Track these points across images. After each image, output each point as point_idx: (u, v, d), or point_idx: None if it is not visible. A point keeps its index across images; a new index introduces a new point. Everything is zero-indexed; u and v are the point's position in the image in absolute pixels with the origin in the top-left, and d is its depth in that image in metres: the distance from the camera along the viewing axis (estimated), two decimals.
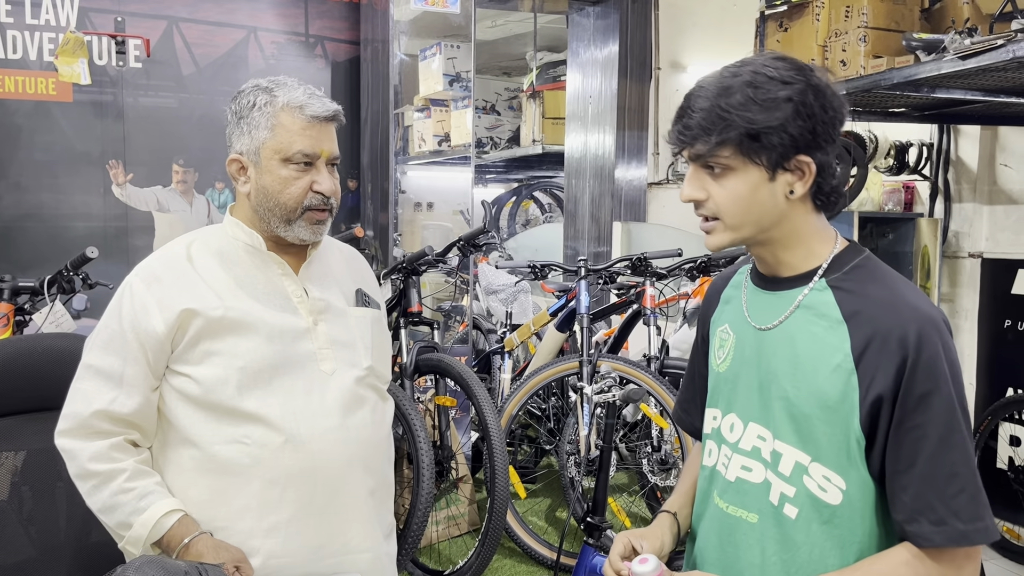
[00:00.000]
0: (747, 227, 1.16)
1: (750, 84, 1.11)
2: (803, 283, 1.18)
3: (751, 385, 1.22)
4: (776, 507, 1.17)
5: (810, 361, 1.14)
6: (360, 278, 1.69)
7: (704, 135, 1.12)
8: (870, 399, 1.09)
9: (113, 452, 1.42)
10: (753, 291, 1.27)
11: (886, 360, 1.08)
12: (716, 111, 1.11)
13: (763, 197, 1.14)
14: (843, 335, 1.12)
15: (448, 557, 3.20)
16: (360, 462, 1.53)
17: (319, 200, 1.49)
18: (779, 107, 1.10)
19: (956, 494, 1.07)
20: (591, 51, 4.90)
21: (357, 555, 1.52)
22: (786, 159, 1.12)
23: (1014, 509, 3.52)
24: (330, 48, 4.35)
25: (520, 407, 3.27)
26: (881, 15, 2.93)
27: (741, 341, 1.26)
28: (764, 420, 1.20)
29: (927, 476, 1.07)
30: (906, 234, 3.99)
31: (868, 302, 1.13)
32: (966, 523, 1.07)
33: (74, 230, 3.74)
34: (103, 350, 1.46)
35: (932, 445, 1.07)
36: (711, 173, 1.15)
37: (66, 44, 3.62)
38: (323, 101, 1.51)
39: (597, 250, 4.85)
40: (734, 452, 1.24)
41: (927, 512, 1.07)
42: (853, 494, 1.13)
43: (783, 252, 1.20)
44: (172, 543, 1.38)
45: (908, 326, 1.08)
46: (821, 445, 1.13)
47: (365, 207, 4.41)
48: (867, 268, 1.18)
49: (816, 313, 1.16)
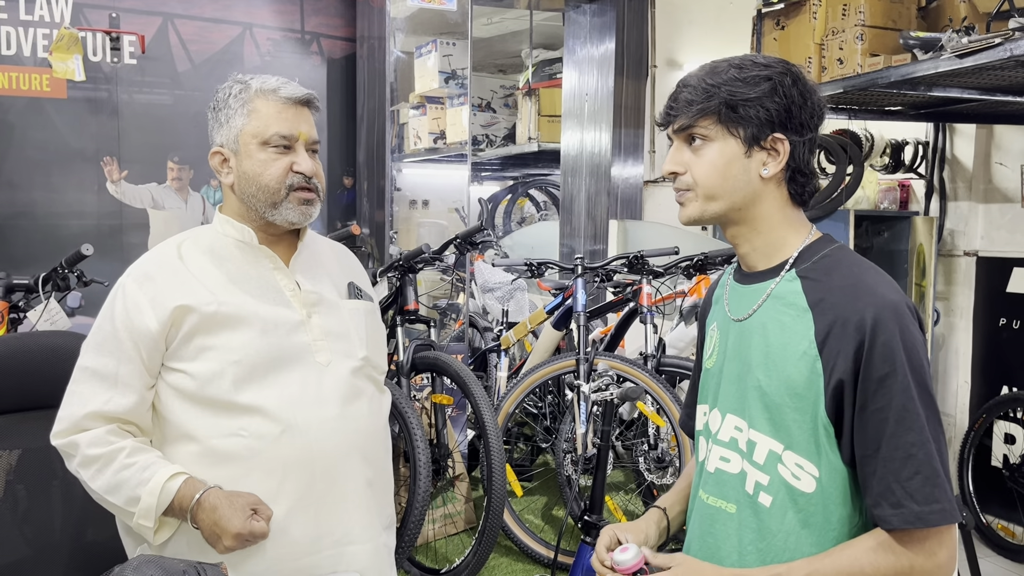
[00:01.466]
0: (719, 200, 1.21)
1: (735, 66, 1.20)
2: (774, 275, 1.23)
3: (731, 377, 1.26)
4: (752, 496, 1.19)
5: (780, 349, 1.18)
6: (351, 272, 1.70)
7: (688, 107, 1.20)
8: (833, 384, 1.12)
9: (110, 436, 1.43)
10: (733, 286, 1.31)
11: (845, 345, 1.11)
12: (702, 86, 1.20)
13: (737, 170, 1.19)
14: (808, 322, 1.16)
15: (445, 555, 3.20)
16: (358, 452, 1.53)
17: (300, 179, 1.51)
18: (759, 84, 1.17)
19: (911, 476, 1.09)
20: (587, 49, 4.89)
21: (356, 545, 1.52)
22: (762, 135, 1.18)
23: (1009, 507, 3.53)
24: (326, 45, 4.33)
25: (517, 405, 3.26)
26: (878, 13, 2.93)
27: (723, 336, 1.30)
28: (740, 410, 1.23)
29: (886, 459, 1.10)
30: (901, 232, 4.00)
31: (831, 289, 1.16)
32: (921, 504, 1.08)
33: (68, 227, 3.72)
34: (97, 351, 1.47)
35: (890, 428, 1.09)
36: (691, 146, 1.22)
37: (60, 40, 3.59)
38: (295, 86, 1.54)
39: (593, 248, 4.84)
40: (714, 444, 1.27)
41: (887, 495, 1.10)
42: (825, 481, 1.15)
43: (756, 238, 1.24)
44: (183, 504, 1.38)
45: (865, 311, 1.11)
46: (792, 433, 1.16)
47: (361, 205, 4.40)
48: (835, 257, 1.21)
49: (785, 303, 1.20)
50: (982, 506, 3.59)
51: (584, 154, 4.94)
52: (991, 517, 3.58)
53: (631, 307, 3.35)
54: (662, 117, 1.26)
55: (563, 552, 2.97)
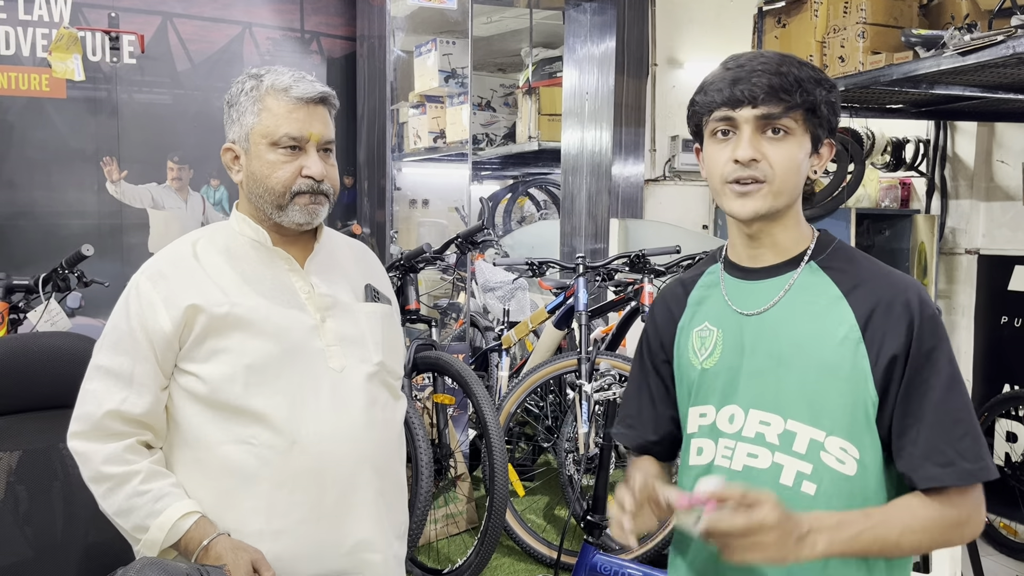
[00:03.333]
0: (785, 195, 1.21)
1: (803, 64, 1.20)
2: (791, 268, 1.25)
3: (751, 373, 1.24)
4: (791, 487, 1.19)
5: (814, 338, 1.20)
6: (370, 273, 1.66)
7: (779, 96, 1.17)
8: (883, 361, 1.16)
9: (127, 454, 1.40)
10: (734, 284, 1.30)
11: (894, 323, 1.16)
12: (788, 77, 1.17)
13: (802, 168, 1.21)
14: (845, 309, 1.19)
15: (447, 555, 3.19)
16: (370, 461, 1.49)
17: (308, 184, 1.46)
18: (833, 89, 1.21)
19: (962, 436, 1.14)
20: (588, 47, 4.88)
21: (367, 555, 1.49)
22: (822, 138, 1.22)
23: (1011, 505, 3.53)
24: (326, 44, 4.33)
25: (518, 405, 3.26)
26: (880, 11, 2.93)
27: (727, 333, 1.27)
28: (769, 405, 1.22)
29: (934, 423, 1.14)
30: (903, 230, 4.00)
31: (862, 277, 1.21)
32: (972, 463, 1.14)
33: (68, 227, 3.72)
34: (112, 350, 1.44)
35: (938, 395, 1.15)
36: (769, 136, 1.19)
37: (60, 40, 3.59)
38: (311, 83, 1.48)
39: (594, 247, 4.84)
40: (738, 442, 1.24)
41: (935, 455, 1.14)
42: (867, 461, 1.18)
43: (783, 233, 1.25)
44: (190, 546, 1.36)
45: (908, 292, 1.18)
46: (836, 417, 1.18)
47: (362, 204, 4.40)
48: (843, 250, 1.26)
49: (813, 292, 1.22)
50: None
51: (585, 153, 4.94)
52: (993, 515, 3.58)
53: (633, 306, 3.34)
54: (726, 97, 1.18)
55: (566, 552, 2.97)
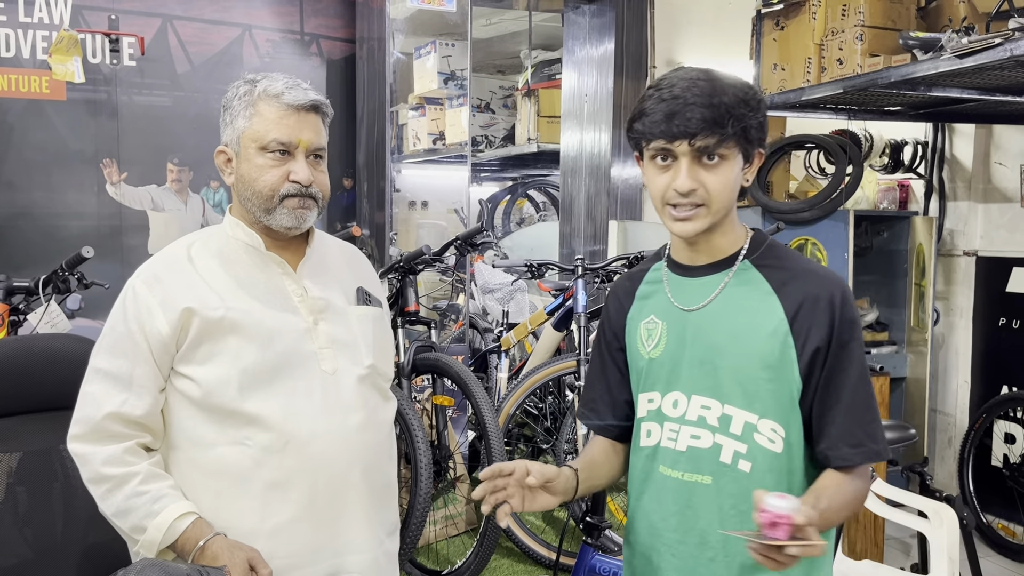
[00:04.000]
0: (721, 212, 1.32)
1: (733, 86, 1.27)
2: (727, 266, 1.35)
3: (692, 362, 1.35)
4: (730, 465, 1.31)
5: (747, 330, 1.31)
6: (362, 276, 1.68)
7: (711, 129, 1.24)
8: (808, 352, 1.29)
9: (127, 456, 1.41)
10: (676, 280, 1.41)
11: (819, 317, 1.28)
12: (720, 108, 1.24)
13: (734, 184, 1.31)
14: (775, 304, 1.31)
15: (446, 557, 3.19)
16: (362, 462, 1.52)
17: (296, 188, 1.48)
18: (759, 106, 1.29)
19: (870, 421, 1.30)
20: (587, 49, 4.89)
21: (357, 555, 1.52)
22: (753, 151, 1.31)
23: (1009, 506, 3.54)
24: (325, 46, 4.33)
25: (517, 406, 3.26)
26: (877, 13, 2.94)
27: (671, 326, 1.39)
28: (709, 391, 1.33)
29: (849, 408, 1.29)
30: (901, 232, 4.00)
31: (792, 275, 1.33)
32: (877, 444, 1.30)
33: (68, 229, 3.72)
34: (110, 353, 1.45)
35: (853, 382, 1.29)
36: (705, 163, 1.28)
37: (60, 42, 3.59)
38: (304, 91, 1.50)
39: (593, 249, 4.84)
40: (682, 425, 1.36)
41: (847, 437, 1.28)
42: (792, 440, 1.31)
43: (721, 238, 1.36)
44: (187, 546, 1.37)
45: (833, 290, 1.30)
46: (767, 402, 1.30)
47: (361, 206, 4.40)
48: (778, 247, 1.38)
49: (748, 288, 1.34)
50: (982, 506, 3.59)
51: (583, 155, 4.94)
52: (991, 517, 3.59)
53: None
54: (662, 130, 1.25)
55: (565, 553, 2.97)
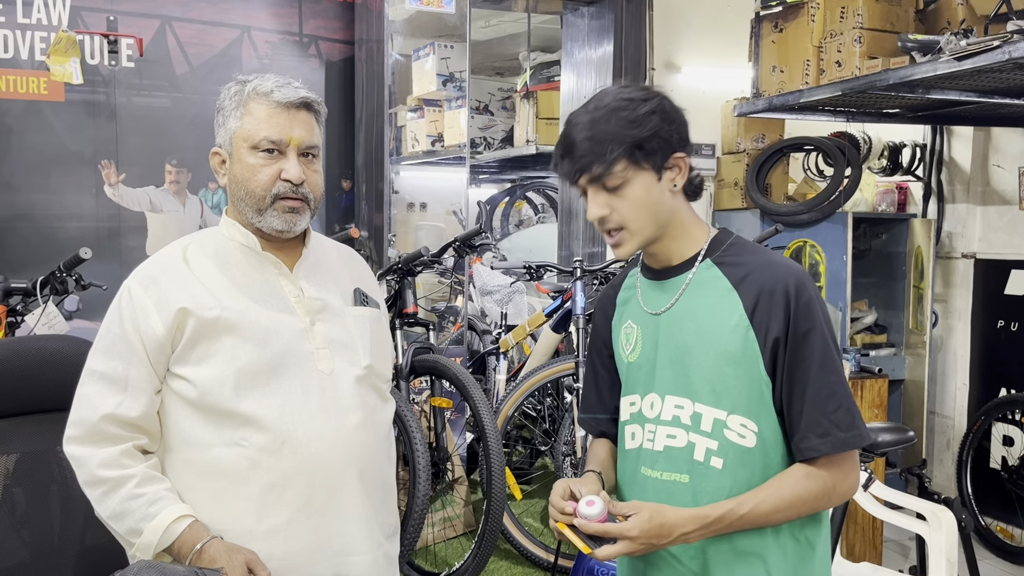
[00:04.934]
0: (648, 228, 1.35)
1: (616, 109, 1.30)
2: (688, 267, 1.38)
3: (663, 363, 1.38)
4: (703, 462, 1.33)
5: (711, 327, 1.33)
6: (358, 278, 1.68)
7: (596, 159, 1.29)
8: (769, 344, 1.30)
9: (123, 458, 1.41)
10: (646, 285, 1.44)
11: (776, 309, 1.30)
12: (598, 137, 1.29)
13: (656, 196, 1.33)
14: (735, 300, 1.33)
15: (444, 559, 3.19)
16: (358, 463, 1.51)
17: (287, 188, 1.47)
18: (650, 119, 1.30)
19: (836, 409, 1.28)
20: (585, 51, 4.89)
21: (356, 557, 1.51)
22: (666, 159, 1.33)
23: (1007, 509, 3.53)
24: (324, 48, 4.33)
25: (516, 408, 3.26)
26: (876, 16, 2.94)
27: (644, 330, 1.42)
28: (681, 390, 1.36)
29: (811, 397, 1.28)
30: (899, 235, 4.00)
31: (749, 269, 1.34)
32: (845, 431, 1.28)
33: (66, 231, 3.71)
34: (106, 354, 1.45)
35: (814, 371, 1.28)
36: (608, 191, 1.32)
37: (58, 43, 3.59)
38: (294, 89, 1.50)
39: (592, 251, 4.84)
40: (658, 425, 1.38)
41: (814, 427, 1.28)
42: (765, 434, 1.32)
43: (673, 243, 1.39)
44: (183, 549, 1.37)
45: (787, 280, 1.30)
46: (734, 397, 1.32)
47: (360, 208, 4.40)
48: (739, 244, 1.39)
49: (707, 288, 1.36)
50: (981, 508, 3.59)
51: None
52: (990, 519, 3.59)
53: None
54: (567, 173, 1.34)
55: (563, 556, 2.97)
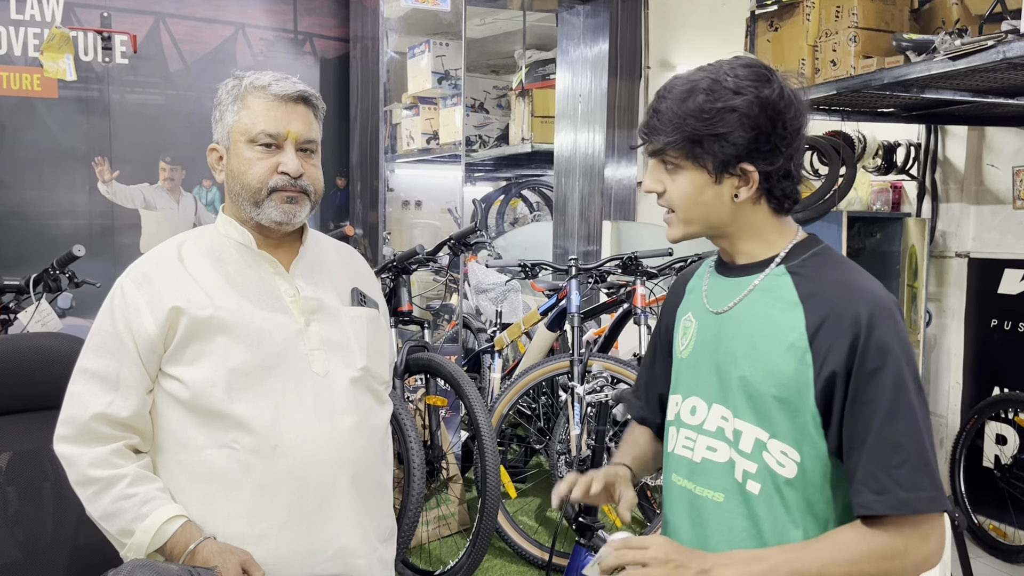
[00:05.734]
0: (696, 223, 1.25)
1: (706, 91, 1.19)
2: (760, 269, 1.25)
3: (711, 367, 1.27)
4: (740, 484, 1.22)
5: (766, 341, 1.20)
6: (357, 276, 1.66)
7: (658, 134, 1.22)
8: (824, 376, 1.15)
9: (114, 458, 1.40)
10: (714, 278, 1.33)
11: (839, 339, 1.14)
12: (670, 113, 1.20)
13: (709, 198, 1.22)
14: (798, 315, 1.18)
15: (438, 557, 3.19)
16: (352, 467, 1.49)
17: (285, 180, 1.46)
18: (724, 117, 1.17)
19: (900, 464, 1.11)
20: (581, 49, 4.89)
21: (350, 560, 1.50)
22: (729, 165, 1.20)
23: (1001, 508, 3.54)
24: (319, 45, 4.32)
25: (510, 406, 3.26)
26: (871, 15, 2.94)
27: (702, 327, 1.31)
28: (724, 400, 1.24)
29: (872, 447, 1.12)
30: (894, 234, 4.01)
31: (823, 285, 1.19)
32: (907, 491, 1.10)
33: (59, 228, 3.70)
34: (97, 353, 1.44)
35: (879, 418, 1.12)
36: (666, 169, 1.25)
37: (51, 40, 3.57)
38: (292, 83, 1.49)
39: (587, 249, 4.85)
40: (699, 434, 1.28)
41: (870, 481, 1.11)
42: (808, 466, 1.18)
43: (741, 243, 1.27)
44: (176, 550, 1.36)
45: (860, 307, 1.14)
46: (777, 422, 1.18)
47: (355, 205, 4.39)
48: (824, 256, 1.24)
49: (773, 296, 1.22)
50: (974, 507, 3.60)
51: (577, 155, 4.94)
52: (983, 518, 3.60)
53: (625, 308, 3.35)
54: (639, 133, 1.28)
55: (558, 554, 2.97)
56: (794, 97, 1.21)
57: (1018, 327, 3.63)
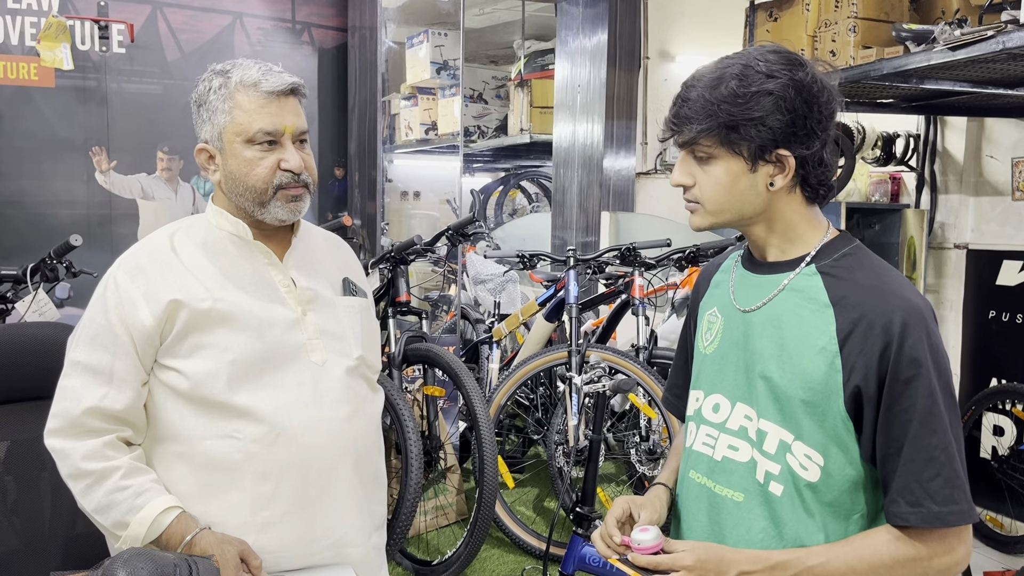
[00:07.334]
0: (726, 213, 1.21)
1: (737, 76, 1.15)
2: (790, 268, 1.22)
3: (738, 366, 1.25)
4: (762, 485, 1.20)
5: (795, 343, 1.18)
6: (346, 266, 1.66)
7: (689, 123, 1.18)
8: (853, 382, 1.13)
9: (107, 450, 1.39)
10: (742, 274, 1.30)
11: (870, 345, 1.12)
12: (702, 101, 1.16)
13: (743, 187, 1.18)
14: (829, 318, 1.16)
15: (436, 547, 3.20)
16: (352, 454, 1.51)
17: (288, 178, 1.45)
18: (759, 101, 1.14)
19: (933, 477, 1.11)
20: (580, 40, 4.88)
21: (349, 548, 1.51)
22: (766, 151, 1.16)
23: (997, 498, 3.56)
24: (317, 35, 4.31)
25: (508, 397, 3.26)
26: (871, 5, 2.93)
27: (728, 323, 1.29)
28: (749, 400, 1.23)
29: (908, 459, 1.12)
30: (892, 225, 4.01)
31: (855, 288, 1.16)
32: (940, 505, 1.11)
33: (57, 217, 3.70)
34: (90, 345, 1.42)
35: (914, 429, 1.11)
36: (697, 160, 1.21)
37: (48, 29, 3.56)
38: (279, 75, 1.47)
39: (585, 240, 4.84)
40: (721, 432, 1.26)
41: (905, 493, 1.12)
42: (832, 471, 1.17)
43: (771, 236, 1.24)
44: (172, 541, 1.35)
45: (893, 314, 1.12)
46: (803, 425, 1.17)
47: (353, 196, 4.39)
48: (856, 256, 1.21)
49: (804, 296, 1.19)
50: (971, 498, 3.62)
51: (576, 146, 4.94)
52: (980, 508, 3.61)
53: (623, 299, 3.35)
54: (665, 126, 1.23)
55: (555, 544, 2.98)
56: (826, 81, 1.18)
57: (1016, 319, 3.64)
